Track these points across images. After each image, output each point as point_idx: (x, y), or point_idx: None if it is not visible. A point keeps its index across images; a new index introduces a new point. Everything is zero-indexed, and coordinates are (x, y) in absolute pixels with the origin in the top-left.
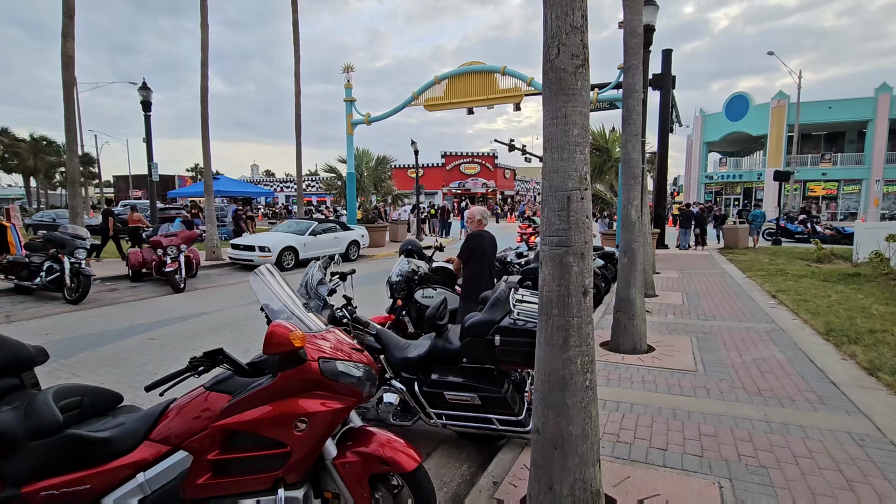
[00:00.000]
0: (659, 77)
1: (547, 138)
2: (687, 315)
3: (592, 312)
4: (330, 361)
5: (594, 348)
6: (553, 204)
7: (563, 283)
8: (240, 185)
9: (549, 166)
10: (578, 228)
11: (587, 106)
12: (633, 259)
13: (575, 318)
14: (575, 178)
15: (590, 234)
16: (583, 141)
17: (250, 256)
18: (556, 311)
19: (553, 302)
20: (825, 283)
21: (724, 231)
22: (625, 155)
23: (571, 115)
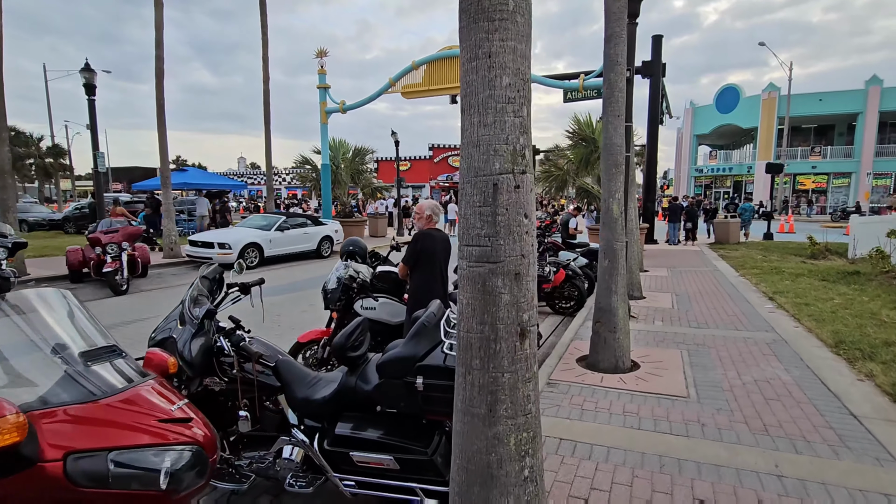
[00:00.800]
0: (649, 64)
1: (464, 93)
2: (677, 321)
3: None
4: (93, 455)
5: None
6: (472, 196)
7: (488, 320)
8: (211, 178)
9: (467, 137)
10: (511, 234)
11: (526, 41)
12: (616, 261)
13: (507, 373)
14: (505, 154)
15: (531, 243)
16: (518, 96)
17: (208, 254)
18: (476, 361)
19: (472, 348)
20: (824, 282)
21: (714, 225)
22: (606, 140)
23: (499, 53)
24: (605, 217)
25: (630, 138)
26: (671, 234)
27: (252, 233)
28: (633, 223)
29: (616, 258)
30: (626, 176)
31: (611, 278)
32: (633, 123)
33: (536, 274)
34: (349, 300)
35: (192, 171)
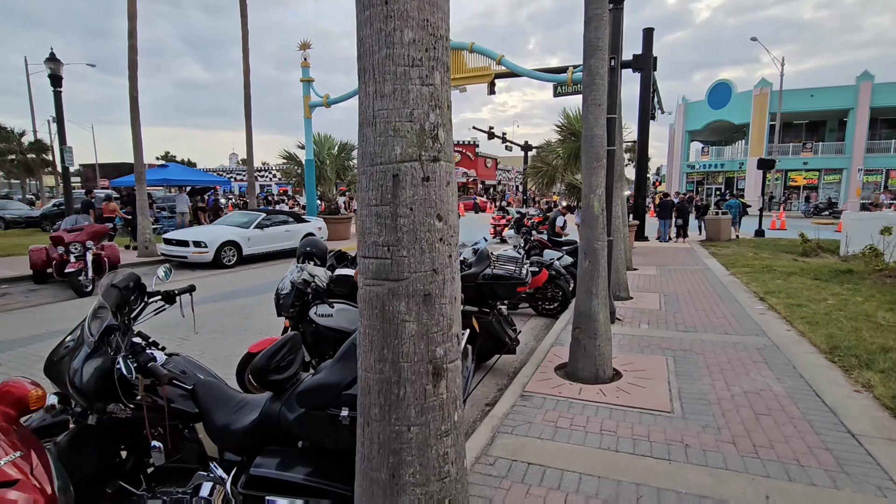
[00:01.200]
0: (639, 58)
1: (358, 53)
2: (664, 325)
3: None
4: None
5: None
6: (367, 192)
7: (389, 357)
8: (193, 174)
9: (362, 113)
10: (418, 242)
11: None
12: (597, 262)
13: (414, 426)
14: (409, 135)
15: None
16: (427, 57)
17: (183, 252)
18: (376, 410)
19: (371, 392)
20: (817, 281)
21: (705, 222)
22: (586, 131)
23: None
24: (586, 214)
25: (615, 131)
26: (662, 231)
27: (230, 230)
28: (619, 220)
29: (597, 259)
30: (611, 171)
31: (591, 280)
32: (621, 116)
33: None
34: (304, 306)
35: (174, 166)
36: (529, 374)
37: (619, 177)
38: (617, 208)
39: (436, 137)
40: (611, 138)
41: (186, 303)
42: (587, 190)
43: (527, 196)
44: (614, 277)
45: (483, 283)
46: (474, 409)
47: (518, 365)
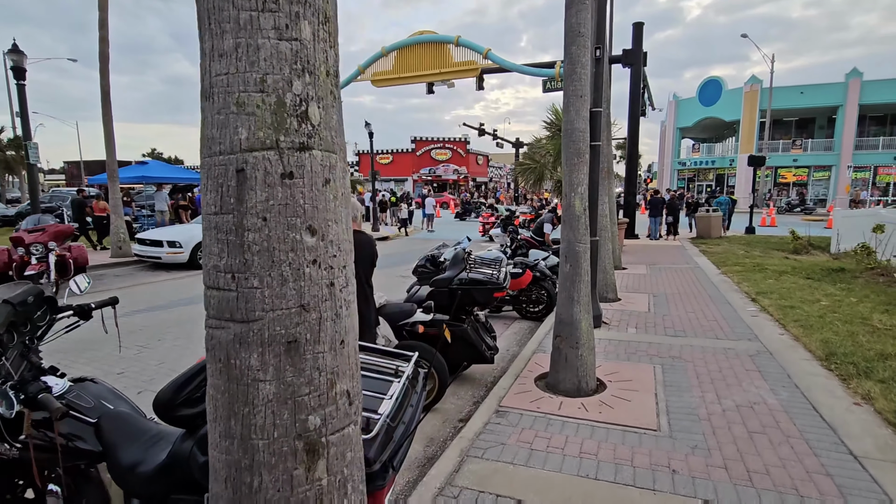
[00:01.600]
0: (629, 53)
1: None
2: (652, 328)
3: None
4: None
5: None
6: (207, 193)
7: (237, 431)
8: (174, 171)
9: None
10: (276, 267)
11: None
12: (578, 266)
13: None
14: (259, 111)
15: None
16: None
17: (157, 253)
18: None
19: (218, 479)
20: (809, 280)
21: (696, 219)
22: (567, 125)
23: None
24: (567, 214)
25: (599, 125)
26: (652, 228)
27: None
28: (606, 219)
29: (579, 262)
30: (595, 167)
31: (572, 286)
32: (609, 111)
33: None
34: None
35: (153, 163)
36: (507, 385)
37: (607, 174)
38: (604, 206)
39: (304, 116)
40: (595, 133)
41: (106, 316)
42: (568, 188)
43: (518, 193)
44: (601, 278)
45: (457, 289)
46: (446, 425)
47: (498, 374)
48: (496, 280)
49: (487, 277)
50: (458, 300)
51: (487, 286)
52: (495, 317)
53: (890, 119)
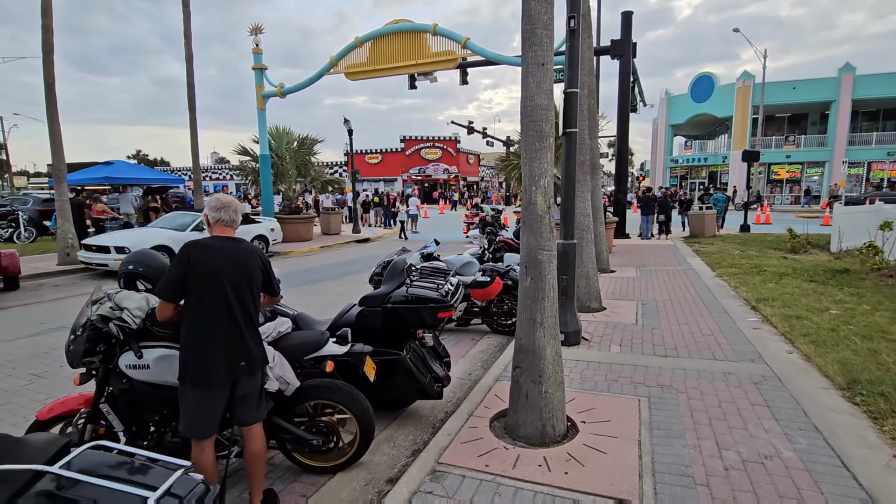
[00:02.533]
0: (618, 43)
1: None
2: (639, 345)
3: None
4: None
5: None
6: None
7: None
8: (141, 171)
9: None
10: None
11: None
12: (542, 278)
13: None
14: None
15: None
16: None
17: (104, 259)
18: None
19: None
20: (813, 283)
21: (689, 218)
22: (525, 100)
23: None
24: (527, 214)
25: (575, 108)
26: (644, 227)
27: (162, 234)
28: (589, 218)
29: (542, 274)
30: (572, 158)
31: (535, 304)
32: (596, 102)
33: None
34: (110, 353)
35: (119, 163)
36: (456, 429)
37: (590, 168)
38: (586, 204)
39: None
40: (570, 117)
41: None
42: (527, 181)
43: (510, 193)
44: (584, 285)
45: (392, 309)
46: (369, 488)
47: (452, 406)
48: (442, 297)
49: (431, 293)
50: (393, 323)
51: (429, 305)
52: (463, 331)
53: (883, 114)
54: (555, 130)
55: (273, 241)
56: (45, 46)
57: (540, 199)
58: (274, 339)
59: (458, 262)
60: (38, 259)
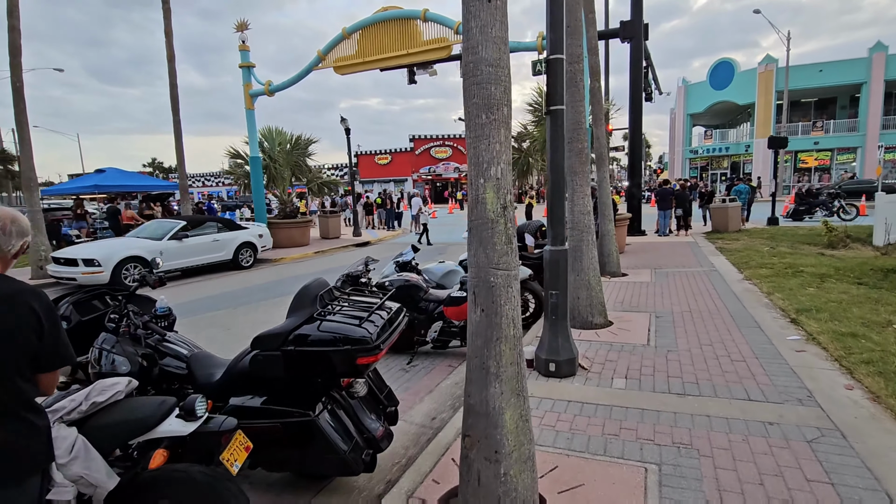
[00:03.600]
0: (628, 24)
1: None
2: (649, 377)
3: None
4: None
5: None
6: None
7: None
8: (134, 179)
9: None
10: None
11: None
12: (496, 312)
13: None
14: None
15: None
16: None
17: (72, 273)
18: None
19: None
20: (862, 286)
21: (711, 211)
22: (467, 54)
23: None
24: (473, 218)
25: (561, 79)
26: (661, 223)
27: (134, 244)
28: (589, 217)
29: (497, 304)
30: (556, 139)
31: (487, 347)
32: (600, 84)
33: None
34: None
35: (112, 171)
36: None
37: (599, 160)
38: (586, 200)
39: None
40: (554, 91)
41: None
42: (472, 170)
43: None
44: (585, 296)
45: (293, 353)
46: None
47: (397, 473)
48: (364, 335)
49: (351, 330)
50: (300, 371)
51: (342, 348)
52: (440, 354)
53: None
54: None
55: (262, 247)
56: (12, 49)
57: (490, 197)
58: (83, 414)
59: (439, 271)
60: (13, 273)
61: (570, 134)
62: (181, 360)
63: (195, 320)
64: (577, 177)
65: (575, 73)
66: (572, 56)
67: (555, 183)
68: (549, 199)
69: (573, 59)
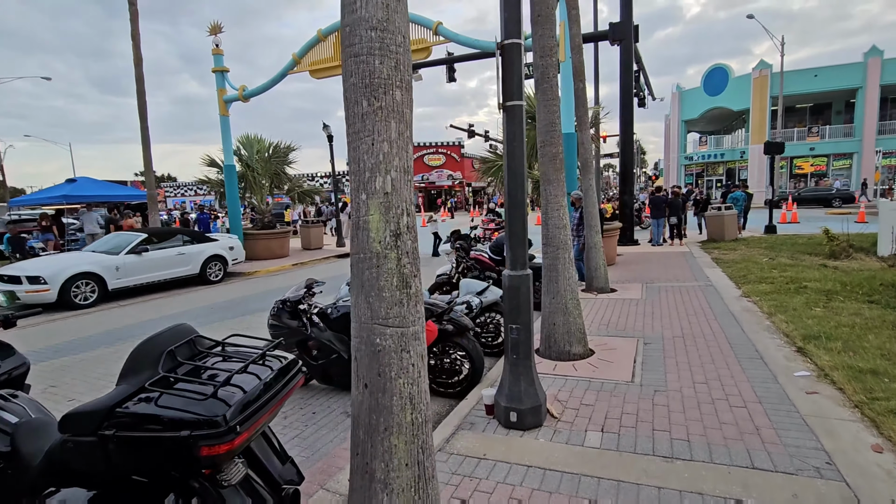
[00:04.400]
0: (617, 26)
1: None
2: (630, 430)
3: None
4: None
5: None
6: None
7: None
8: (108, 188)
9: None
10: None
11: None
12: (387, 390)
13: None
14: None
15: None
16: None
17: (15, 290)
18: None
19: None
20: (875, 307)
21: (706, 219)
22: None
23: None
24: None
25: (517, 68)
26: (654, 232)
27: (88, 259)
28: (565, 231)
29: (384, 380)
30: (517, 130)
31: (373, 443)
32: (583, 84)
33: None
34: None
35: (83, 181)
36: None
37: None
38: (562, 212)
39: None
40: (510, 83)
41: None
42: (353, 182)
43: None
44: (562, 322)
45: (114, 440)
46: None
47: None
48: (209, 416)
49: (189, 409)
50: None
51: (179, 434)
52: None
53: None
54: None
55: (234, 260)
56: None
57: (375, 220)
58: None
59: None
60: None
61: (542, 136)
62: (4, 432)
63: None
64: (551, 186)
65: (547, 68)
66: (544, 49)
67: (512, 193)
68: (507, 213)
69: (545, 53)
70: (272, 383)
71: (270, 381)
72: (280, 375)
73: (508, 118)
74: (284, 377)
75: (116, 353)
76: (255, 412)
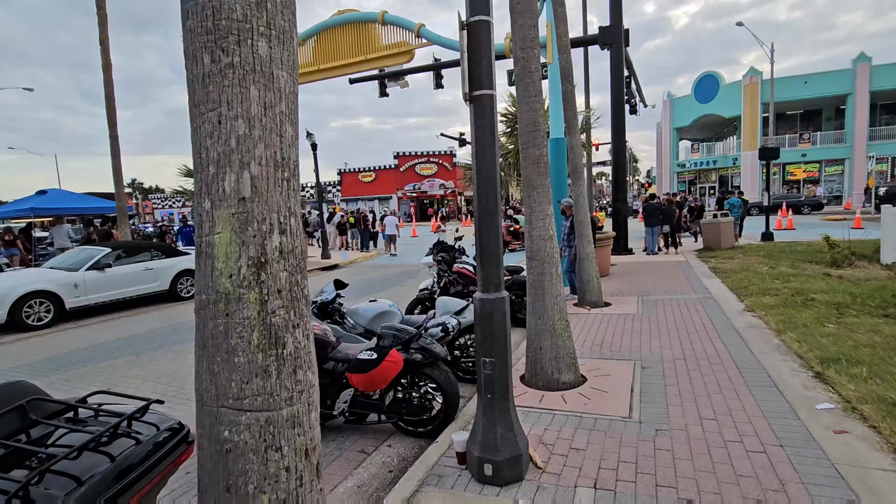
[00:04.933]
0: (607, 30)
1: None
2: (629, 486)
3: None
4: None
5: None
6: None
7: None
8: (78, 200)
9: None
10: None
11: None
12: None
13: None
14: None
15: None
16: None
17: None
18: None
19: None
20: (889, 320)
21: (702, 226)
22: None
23: None
24: (199, 290)
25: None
26: (649, 241)
27: (43, 276)
28: (551, 243)
29: (237, 494)
30: (489, 124)
31: None
32: (571, 85)
33: None
34: None
35: (53, 192)
36: None
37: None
38: (547, 222)
39: None
40: (476, 70)
41: None
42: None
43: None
44: (550, 346)
45: None
46: None
47: None
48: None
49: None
50: None
51: None
52: (356, 431)
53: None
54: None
55: None
56: None
57: (224, 242)
58: None
59: (368, 313)
60: None
61: (525, 137)
62: None
63: (78, 373)
64: (535, 192)
65: (529, 61)
66: (524, 40)
67: (483, 200)
68: (477, 222)
69: (526, 44)
70: (134, 464)
71: (132, 462)
72: (154, 450)
73: (476, 111)
74: (158, 452)
75: (51, 385)
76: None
